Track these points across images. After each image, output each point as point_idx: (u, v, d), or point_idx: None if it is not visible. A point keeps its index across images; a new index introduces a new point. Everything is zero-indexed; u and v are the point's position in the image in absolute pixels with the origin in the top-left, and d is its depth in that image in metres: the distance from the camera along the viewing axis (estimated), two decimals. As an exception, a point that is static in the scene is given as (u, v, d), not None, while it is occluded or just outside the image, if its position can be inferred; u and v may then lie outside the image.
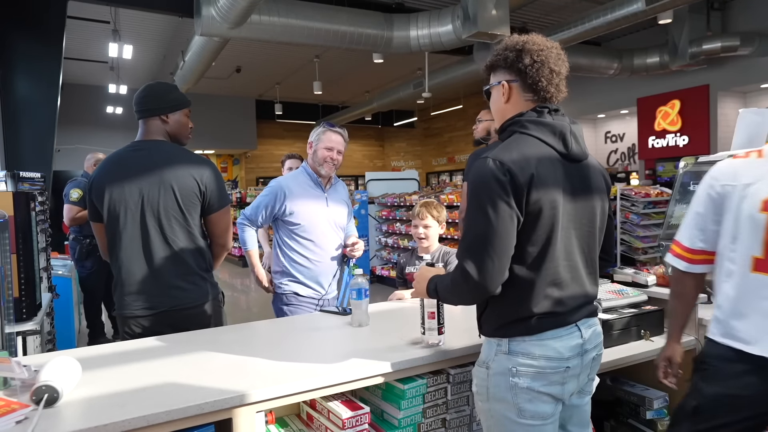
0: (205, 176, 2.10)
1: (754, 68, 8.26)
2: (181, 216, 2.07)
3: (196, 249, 2.12)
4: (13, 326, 2.33)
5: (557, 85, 1.45)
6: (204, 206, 2.13)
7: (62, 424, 1.20)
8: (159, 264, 2.05)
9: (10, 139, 5.90)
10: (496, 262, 1.33)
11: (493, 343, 1.44)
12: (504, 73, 1.49)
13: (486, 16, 5.75)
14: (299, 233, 2.62)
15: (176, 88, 2.25)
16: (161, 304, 2.05)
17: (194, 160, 2.13)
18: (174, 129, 2.18)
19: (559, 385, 1.41)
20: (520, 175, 1.33)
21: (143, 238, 2.05)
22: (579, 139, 1.45)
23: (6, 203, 2.37)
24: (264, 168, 16.30)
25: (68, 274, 4.77)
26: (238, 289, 8.89)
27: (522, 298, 1.39)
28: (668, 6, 6.21)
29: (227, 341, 1.88)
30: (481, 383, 1.46)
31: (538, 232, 1.36)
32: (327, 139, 2.65)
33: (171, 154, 2.11)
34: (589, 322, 1.49)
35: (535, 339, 1.39)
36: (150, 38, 9.45)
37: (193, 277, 2.10)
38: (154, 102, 2.13)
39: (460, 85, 10.86)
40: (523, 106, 1.47)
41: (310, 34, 6.69)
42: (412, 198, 7.74)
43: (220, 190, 2.16)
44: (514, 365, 1.39)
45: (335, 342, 1.92)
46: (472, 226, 1.36)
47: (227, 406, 1.34)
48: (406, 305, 2.42)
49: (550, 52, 1.43)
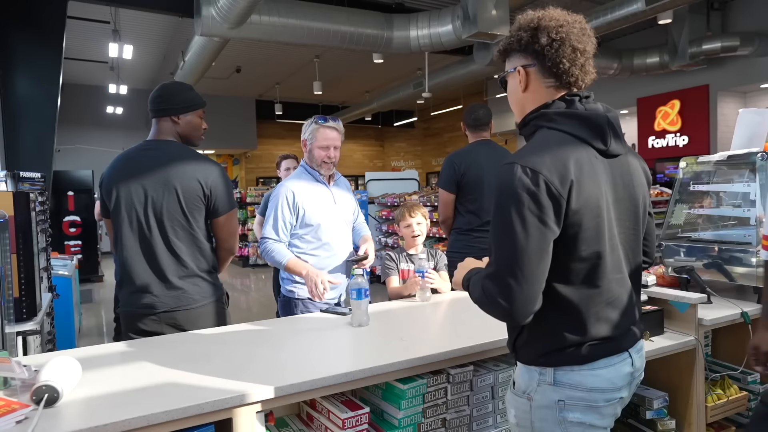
0: (210, 179, 2.08)
1: (754, 68, 8.26)
2: (183, 218, 2.06)
3: (199, 251, 2.10)
4: (13, 326, 2.33)
5: (582, 66, 1.23)
6: (209, 209, 2.11)
7: (62, 424, 1.20)
8: (160, 264, 2.05)
9: (10, 139, 5.90)
10: (525, 290, 1.14)
11: (534, 371, 1.25)
12: (519, 58, 1.28)
13: (486, 16, 5.75)
14: (310, 234, 2.50)
15: (190, 89, 2.22)
16: (163, 305, 2.05)
17: (201, 163, 2.11)
18: (185, 130, 2.16)
19: (611, 417, 1.27)
20: (556, 183, 1.12)
21: (146, 238, 2.06)
22: (618, 131, 1.26)
23: (6, 203, 2.37)
24: (264, 168, 16.30)
25: (68, 274, 4.77)
26: (238, 289, 8.89)
27: (571, 323, 1.21)
28: (668, 6, 6.21)
29: (227, 341, 1.88)
30: (523, 415, 1.28)
31: (582, 246, 1.16)
32: (321, 137, 2.48)
33: (177, 156, 2.09)
34: (638, 345, 1.32)
35: (586, 368, 1.21)
36: (150, 38, 9.45)
37: (194, 278, 2.09)
38: (166, 102, 2.13)
39: (460, 85, 10.86)
40: (545, 94, 1.26)
41: (310, 34, 6.69)
42: (412, 198, 7.74)
43: (227, 194, 2.13)
44: (561, 398, 1.21)
45: (335, 342, 1.92)
46: (500, 246, 1.17)
47: (227, 406, 1.34)
48: (406, 305, 2.42)
49: (572, 28, 1.22)
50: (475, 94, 13.73)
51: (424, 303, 2.44)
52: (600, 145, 1.22)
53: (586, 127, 1.22)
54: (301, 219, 2.48)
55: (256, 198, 11.41)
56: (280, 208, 2.47)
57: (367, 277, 2.14)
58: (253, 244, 11.07)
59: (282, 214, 2.46)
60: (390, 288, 2.66)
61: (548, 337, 1.24)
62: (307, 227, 2.49)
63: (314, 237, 2.51)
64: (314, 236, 2.51)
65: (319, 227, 2.49)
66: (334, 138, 2.50)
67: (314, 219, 2.48)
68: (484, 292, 1.21)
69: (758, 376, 2.38)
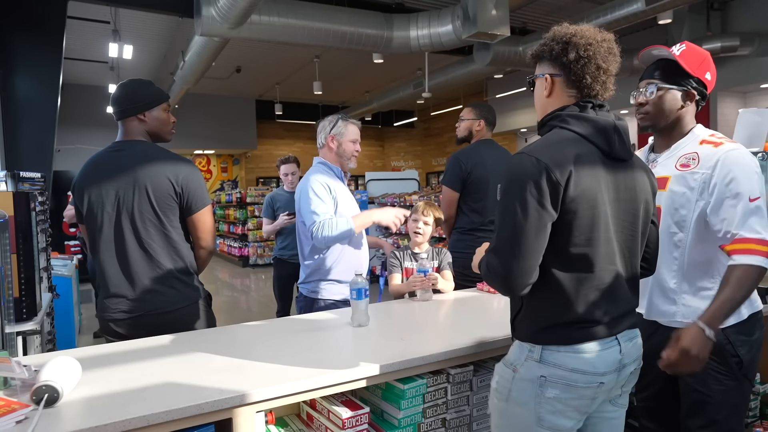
0: (180, 176, 2.03)
1: (754, 68, 8.27)
2: (155, 218, 2.01)
3: (174, 251, 2.05)
4: (13, 326, 2.33)
5: (603, 83, 1.36)
6: (183, 207, 2.06)
7: (62, 424, 1.20)
8: (134, 267, 2.01)
9: (10, 139, 5.90)
10: (521, 263, 1.27)
11: (525, 347, 1.37)
12: (548, 66, 1.41)
13: (486, 16, 5.75)
14: None
15: (151, 84, 2.15)
16: (137, 309, 2.00)
17: (170, 160, 2.05)
18: (153, 127, 2.11)
19: (589, 400, 1.33)
20: (556, 173, 1.25)
21: (119, 241, 2.02)
22: (624, 138, 1.37)
23: (6, 203, 2.37)
24: (264, 168, 16.30)
25: (68, 274, 4.78)
26: (238, 289, 8.89)
27: (561, 303, 1.32)
28: (668, 6, 6.21)
29: (227, 341, 1.88)
30: (503, 383, 1.39)
31: (576, 232, 1.28)
32: (352, 132, 2.58)
33: (146, 155, 2.04)
34: (630, 334, 1.39)
35: (571, 350, 1.31)
36: (150, 38, 9.44)
37: (170, 280, 2.03)
38: (128, 101, 2.07)
39: (460, 85, 10.87)
40: (566, 101, 1.40)
41: (310, 34, 6.69)
42: (411, 198, 7.74)
43: (199, 191, 2.07)
44: (544, 374, 1.32)
45: (335, 342, 1.92)
46: (502, 224, 1.31)
47: (227, 406, 1.34)
48: (406, 305, 2.42)
49: (600, 47, 1.34)
50: (475, 94, 13.73)
51: (424, 303, 2.44)
52: (605, 147, 1.34)
53: (593, 129, 1.34)
54: (335, 209, 2.47)
55: (257, 198, 11.40)
56: (319, 194, 2.41)
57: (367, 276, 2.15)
58: (253, 244, 11.08)
59: (325, 198, 2.42)
60: (391, 285, 2.67)
61: (539, 317, 1.35)
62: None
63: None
64: None
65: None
66: (359, 133, 2.64)
67: (345, 211, 2.50)
68: (487, 266, 1.35)
69: (758, 376, 2.38)
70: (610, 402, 1.41)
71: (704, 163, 1.62)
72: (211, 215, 2.15)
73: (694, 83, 1.66)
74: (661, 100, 1.68)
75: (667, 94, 1.67)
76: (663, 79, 1.67)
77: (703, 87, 1.67)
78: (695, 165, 1.64)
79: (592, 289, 1.32)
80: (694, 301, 1.68)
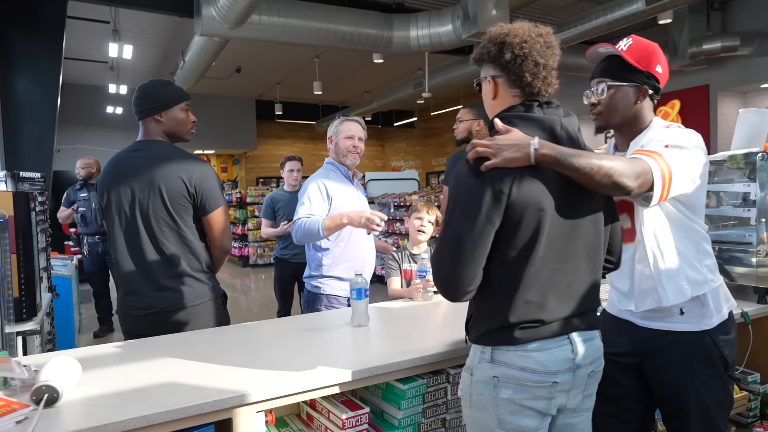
0: (194, 177, 2.05)
1: (754, 68, 8.26)
2: (169, 218, 2.04)
3: (189, 250, 2.08)
4: (13, 326, 2.34)
5: (544, 79, 1.35)
6: (197, 207, 2.08)
7: (62, 424, 1.20)
8: (149, 265, 2.05)
9: (10, 139, 5.90)
10: (461, 271, 1.27)
11: (477, 349, 1.38)
12: (490, 68, 1.41)
13: (486, 16, 5.75)
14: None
15: (169, 84, 2.19)
16: (154, 305, 2.04)
17: (185, 161, 2.08)
18: (170, 127, 2.14)
19: (545, 400, 1.32)
20: (498, 177, 1.25)
21: (135, 239, 2.06)
22: (572, 133, 1.36)
23: (6, 203, 2.37)
24: (264, 168, 16.29)
25: (68, 274, 4.78)
26: (239, 289, 8.89)
27: (502, 304, 1.31)
28: (668, 6, 6.20)
29: (227, 341, 1.88)
30: (465, 389, 1.40)
31: (520, 235, 1.27)
32: (346, 129, 2.63)
33: (162, 155, 2.08)
34: (585, 335, 1.37)
35: (519, 349, 1.31)
36: (150, 38, 9.44)
37: (185, 278, 2.07)
38: (146, 102, 2.11)
39: (460, 85, 10.85)
40: (511, 101, 1.39)
41: (310, 34, 6.69)
42: (411, 198, 7.74)
43: (213, 191, 2.10)
44: (496, 374, 1.32)
45: (335, 342, 1.92)
46: (445, 230, 1.33)
47: (227, 406, 1.34)
48: (406, 305, 2.42)
49: (535, 43, 1.33)
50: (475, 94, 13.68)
51: (424, 303, 2.44)
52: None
53: (538, 129, 1.33)
54: (333, 210, 2.52)
55: (257, 198, 11.39)
56: (313, 195, 2.52)
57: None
58: (253, 244, 11.07)
59: (317, 200, 2.52)
60: (391, 289, 2.66)
61: (487, 318, 1.36)
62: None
63: (344, 231, 2.54)
64: (344, 230, 2.53)
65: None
66: (358, 129, 2.65)
67: (346, 210, 2.50)
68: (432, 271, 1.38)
69: (758, 375, 2.38)
70: (574, 410, 1.39)
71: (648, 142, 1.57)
72: (226, 215, 2.16)
73: (645, 78, 1.60)
74: (613, 98, 1.62)
75: (618, 92, 1.62)
76: (613, 77, 1.62)
77: (654, 80, 1.61)
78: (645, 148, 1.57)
79: (534, 288, 1.30)
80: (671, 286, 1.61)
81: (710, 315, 1.61)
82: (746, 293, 2.30)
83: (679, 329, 1.62)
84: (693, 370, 1.60)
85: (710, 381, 1.60)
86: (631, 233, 1.64)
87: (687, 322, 1.62)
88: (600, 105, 1.65)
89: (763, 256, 2.20)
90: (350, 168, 2.68)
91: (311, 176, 2.67)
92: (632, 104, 1.62)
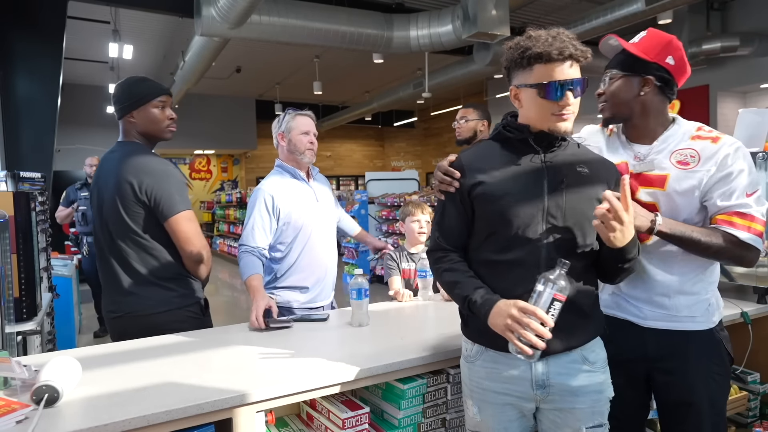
0: (145, 182, 1.92)
1: (754, 68, 8.26)
2: (125, 224, 1.96)
3: (151, 257, 1.98)
4: (13, 326, 2.34)
5: None
6: (153, 213, 1.96)
7: (62, 424, 1.20)
8: (114, 269, 2.01)
9: (10, 139, 5.90)
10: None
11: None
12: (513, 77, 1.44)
13: (486, 16, 5.75)
14: (293, 236, 2.36)
15: (141, 81, 2.04)
16: (119, 309, 2.01)
17: (140, 165, 1.96)
18: (143, 127, 2.03)
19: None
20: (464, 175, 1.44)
21: (100, 243, 2.06)
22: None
23: (6, 203, 2.37)
24: (264, 168, 16.29)
25: (68, 274, 4.78)
26: (238, 289, 8.89)
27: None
28: (668, 6, 6.20)
29: (227, 341, 1.88)
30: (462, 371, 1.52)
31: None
32: (300, 125, 2.40)
33: (124, 158, 1.98)
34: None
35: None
36: (150, 38, 9.44)
37: (148, 285, 1.98)
38: (118, 103, 2.03)
39: (460, 85, 10.85)
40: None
41: (310, 34, 6.69)
42: (412, 198, 7.74)
43: (169, 197, 1.94)
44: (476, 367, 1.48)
45: (335, 342, 1.92)
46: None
47: (227, 406, 1.34)
48: (406, 305, 2.42)
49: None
50: (475, 94, 13.73)
51: (424, 303, 2.44)
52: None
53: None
54: (284, 221, 2.34)
55: (256, 198, 11.39)
56: (258, 212, 2.32)
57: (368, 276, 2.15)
58: (253, 244, 11.07)
59: (261, 218, 2.31)
60: (393, 289, 2.65)
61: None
62: (290, 229, 2.36)
63: (298, 239, 2.37)
64: (298, 238, 2.37)
65: (302, 228, 2.36)
66: (311, 124, 2.44)
67: (297, 220, 2.35)
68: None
69: (758, 375, 2.38)
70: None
71: (706, 161, 1.53)
72: (188, 221, 1.98)
73: (654, 69, 1.56)
74: (617, 88, 1.60)
75: (621, 82, 1.60)
76: (620, 68, 1.60)
77: (665, 72, 1.56)
78: (695, 163, 1.54)
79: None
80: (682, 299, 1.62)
81: (712, 312, 1.62)
82: (746, 293, 2.30)
83: (689, 328, 1.59)
84: (708, 370, 1.58)
85: (720, 379, 1.60)
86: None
87: (695, 320, 1.60)
88: (605, 95, 1.65)
89: (762, 256, 2.20)
90: (305, 167, 2.46)
91: (260, 185, 2.42)
92: (636, 95, 1.58)
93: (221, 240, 12.76)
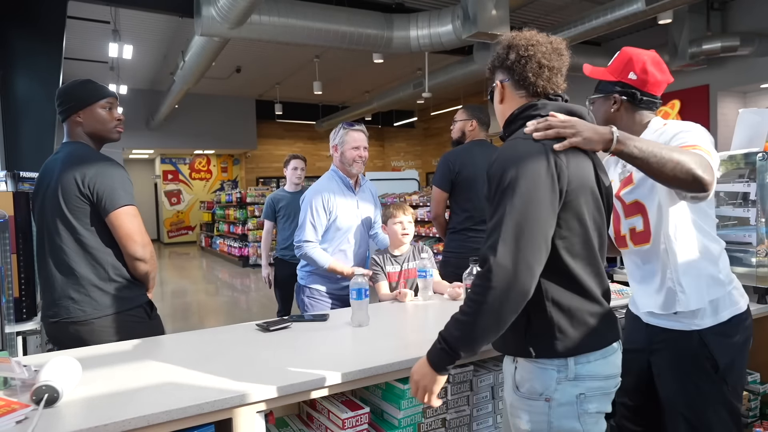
0: (88, 175, 1.89)
1: (754, 68, 8.26)
2: (66, 221, 1.91)
3: (91, 257, 1.92)
4: (13, 326, 2.34)
5: (548, 78, 1.36)
6: (96, 208, 1.91)
7: (62, 424, 1.20)
8: (52, 272, 1.94)
9: (10, 139, 5.90)
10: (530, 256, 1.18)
11: (547, 370, 1.26)
12: (499, 73, 1.44)
13: (486, 16, 5.75)
14: (334, 237, 2.72)
15: (87, 82, 2.05)
16: (55, 315, 1.93)
17: (83, 160, 1.93)
18: (89, 127, 2.01)
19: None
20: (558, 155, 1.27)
21: (41, 245, 2.00)
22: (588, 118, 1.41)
23: (6, 203, 2.37)
24: (264, 168, 16.30)
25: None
26: (238, 289, 8.89)
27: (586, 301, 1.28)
28: (668, 6, 6.21)
29: (228, 341, 1.88)
30: (540, 419, 1.27)
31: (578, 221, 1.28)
32: (352, 140, 2.74)
33: (68, 157, 1.96)
34: None
35: (600, 355, 1.27)
36: (150, 38, 9.45)
37: (86, 288, 1.91)
38: (62, 104, 2.01)
39: (460, 85, 10.85)
40: (518, 102, 1.40)
41: (310, 34, 6.69)
42: (412, 198, 7.74)
43: (112, 191, 1.90)
44: (582, 391, 1.25)
45: (335, 342, 1.92)
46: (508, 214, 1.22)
47: (227, 406, 1.34)
48: (406, 305, 2.42)
49: (540, 47, 1.36)
50: (475, 94, 13.73)
51: (423, 303, 2.44)
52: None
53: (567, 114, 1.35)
54: (331, 220, 2.68)
55: (257, 198, 11.39)
56: (314, 210, 2.67)
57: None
58: (253, 244, 11.07)
59: (318, 217, 2.67)
60: (381, 295, 2.61)
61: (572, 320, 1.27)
62: (334, 230, 2.71)
63: (337, 240, 2.72)
64: (337, 239, 2.72)
65: (343, 231, 2.71)
66: (363, 139, 2.77)
67: (342, 224, 2.70)
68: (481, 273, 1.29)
69: (758, 375, 2.38)
70: None
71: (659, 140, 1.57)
72: (131, 218, 1.94)
73: (618, 87, 1.70)
74: (595, 109, 1.75)
75: (598, 104, 1.76)
76: (595, 92, 1.77)
77: (629, 87, 1.68)
78: None
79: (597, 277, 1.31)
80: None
81: (702, 316, 1.59)
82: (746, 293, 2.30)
83: (672, 327, 1.63)
84: (682, 371, 1.61)
85: (701, 384, 1.59)
86: (645, 235, 1.63)
87: (678, 320, 1.62)
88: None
89: (762, 255, 2.20)
90: (353, 176, 2.79)
91: (313, 186, 2.79)
92: (609, 112, 1.72)
93: (221, 240, 12.76)
